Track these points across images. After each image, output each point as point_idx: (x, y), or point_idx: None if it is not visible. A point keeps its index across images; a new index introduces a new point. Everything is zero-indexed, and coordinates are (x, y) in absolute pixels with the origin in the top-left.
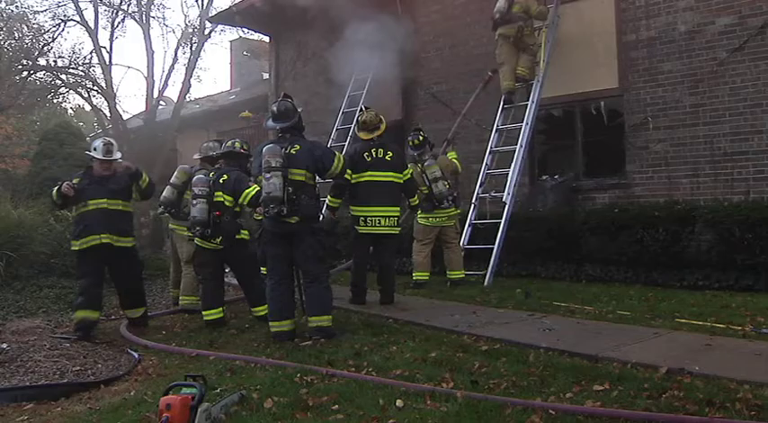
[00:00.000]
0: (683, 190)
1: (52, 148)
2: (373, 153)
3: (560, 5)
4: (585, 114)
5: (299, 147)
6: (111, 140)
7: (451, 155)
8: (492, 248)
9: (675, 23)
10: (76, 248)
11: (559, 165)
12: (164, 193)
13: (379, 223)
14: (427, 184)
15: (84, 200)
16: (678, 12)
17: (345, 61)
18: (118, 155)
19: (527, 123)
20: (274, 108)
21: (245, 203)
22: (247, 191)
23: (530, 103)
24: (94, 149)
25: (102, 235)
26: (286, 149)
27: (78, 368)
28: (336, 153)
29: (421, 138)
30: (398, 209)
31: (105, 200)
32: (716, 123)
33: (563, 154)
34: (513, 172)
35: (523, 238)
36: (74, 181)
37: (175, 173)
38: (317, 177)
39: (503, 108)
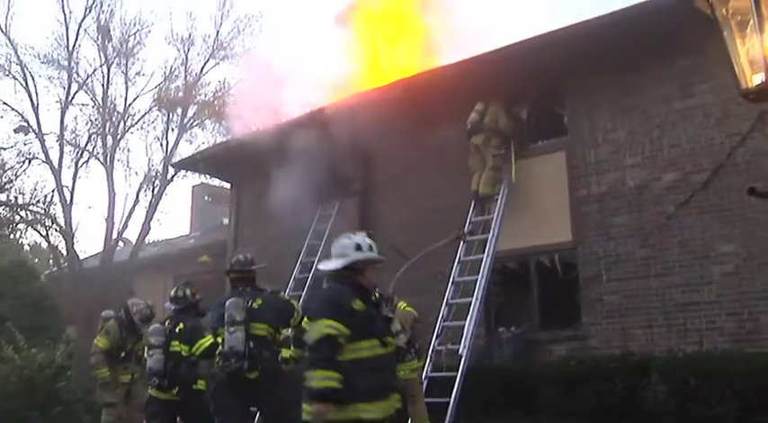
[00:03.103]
0: (638, 341)
1: (4, 284)
2: None
3: (515, 161)
4: (540, 267)
5: (261, 301)
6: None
7: (401, 304)
8: (448, 402)
9: (624, 179)
10: (368, 416)
11: (515, 316)
12: None
13: None
14: None
15: (378, 338)
16: (626, 168)
17: (304, 211)
18: None
19: (482, 276)
20: (241, 256)
21: (196, 354)
22: (201, 341)
23: (485, 256)
24: (358, 248)
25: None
26: (248, 303)
27: None
28: (294, 304)
29: (377, 295)
30: None
31: (391, 337)
32: (667, 275)
33: (519, 306)
34: (468, 324)
35: (480, 391)
36: (354, 304)
37: None
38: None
39: (472, 212)
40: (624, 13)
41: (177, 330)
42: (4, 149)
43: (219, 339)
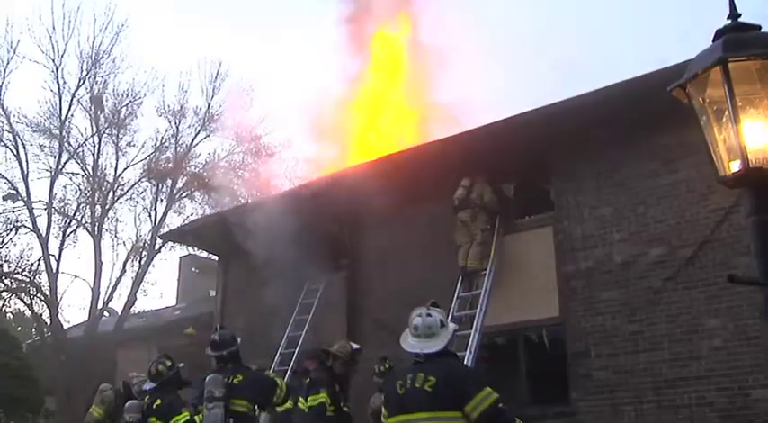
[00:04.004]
0: (628, 417)
1: None
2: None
3: (502, 236)
4: (528, 342)
5: (241, 377)
6: None
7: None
8: None
9: (611, 254)
10: None
11: (503, 392)
12: None
13: None
14: None
15: None
16: (613, 243)
17: (291, 285)
18: None
19: (470, 351)
20: (216, 337)
21: None
22: (177, 418)
23: (472, 331)
24: (443, 324)
25: None
26: (228, 379)
27: None
28: (277, 381)
29: (386, 366)
30: None
31: None
32: (655, 350)
33: (507, 381)
34: None
35: None
36: None
37: None
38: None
39: (459, 287)
40: (607, 92)
41: (155, 406)
42: None
43: (198, 417)
